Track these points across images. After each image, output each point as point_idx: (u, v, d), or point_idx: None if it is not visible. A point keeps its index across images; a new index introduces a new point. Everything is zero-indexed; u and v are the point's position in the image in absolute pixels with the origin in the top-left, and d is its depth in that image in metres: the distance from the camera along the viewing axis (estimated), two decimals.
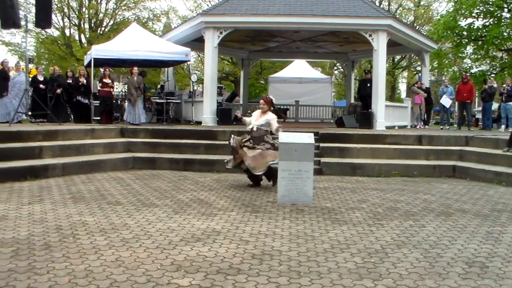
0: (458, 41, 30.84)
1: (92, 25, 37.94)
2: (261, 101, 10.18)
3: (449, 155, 13.18)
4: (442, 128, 20.40)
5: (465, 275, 4.75)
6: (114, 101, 18.69)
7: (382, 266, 4.99)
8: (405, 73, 50.96)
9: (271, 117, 9.85)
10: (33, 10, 16.06)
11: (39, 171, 10.65)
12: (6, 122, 14.88)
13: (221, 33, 17.64)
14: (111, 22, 38.81)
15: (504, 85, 19.79)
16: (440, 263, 5.12)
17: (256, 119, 9.94)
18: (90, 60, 17.52)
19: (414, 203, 8.60)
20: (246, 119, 10.36)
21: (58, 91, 16.92)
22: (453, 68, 35.24)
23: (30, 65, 17.93)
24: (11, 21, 13.59)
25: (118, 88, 25.75)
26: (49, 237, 5.81)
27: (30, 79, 16.05)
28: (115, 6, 38.29)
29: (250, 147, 9.71)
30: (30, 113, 16.02)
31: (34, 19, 15.26)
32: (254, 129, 9.83)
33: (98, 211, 7.39)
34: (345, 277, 4.64)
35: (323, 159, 12.71)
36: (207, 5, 38.80)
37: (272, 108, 10.10)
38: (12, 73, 16.86)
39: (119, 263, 4.89)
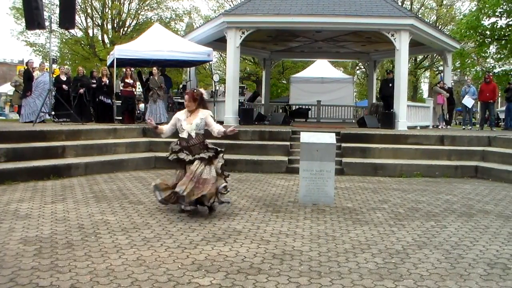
0: (481, 40, 30.60)
1: (115, 25, 38.24)
2: (186, 97, 7.37)
3: (472, 155, 13.08)
4: (464, 128, 20.23)
5: (486, 277, 4.72)
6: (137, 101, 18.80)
7: (403, 267, 4.97)
8: (427, 73, 50.63)
9: (206, 113, 7.49)
10: (57, 11, 16.26)
11: (62, 170, 10.76)
12: (30, 122, 15.07)
13: (243, 33, 17.66)
14: (134, 22, 39.10)
15: None
16: (461, 264, 5.08)
17: (187, 123, 7.29)
18: (113, 60, 17.64)
19: (436, 203, 8.54)
20: (163, 127, 7.65)
21: (81, 91, 17.09)
22: (475, 67, 35.01)
23: (54, 66, 18.10)
24: (36, 22, 13.78)
25: (140, 88, 25.90)
26: (72, 236, 5.87)
27: (53, 79, 16.20)
28: (137, 7, 38.61)
29: (188, 160, 7.20)
30: (53, 112, 16.18)
31: (58, 20, 15.48)
32: (193, 135, 7.29)
33: (120, 210, 7.45)
34: (366, 278, 4.63)
35: (344, 159, 12.69)
36: (230, 5, 38.93)
37: (202, 104, 7.50)
38: (36, 73, 17.02)
39: (140, 262, 4.93)
